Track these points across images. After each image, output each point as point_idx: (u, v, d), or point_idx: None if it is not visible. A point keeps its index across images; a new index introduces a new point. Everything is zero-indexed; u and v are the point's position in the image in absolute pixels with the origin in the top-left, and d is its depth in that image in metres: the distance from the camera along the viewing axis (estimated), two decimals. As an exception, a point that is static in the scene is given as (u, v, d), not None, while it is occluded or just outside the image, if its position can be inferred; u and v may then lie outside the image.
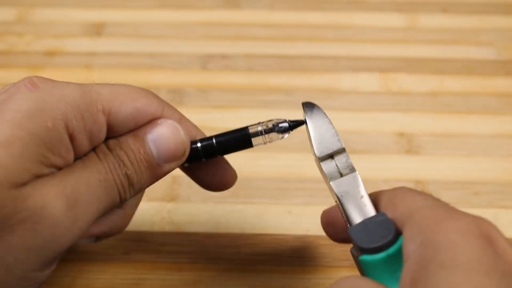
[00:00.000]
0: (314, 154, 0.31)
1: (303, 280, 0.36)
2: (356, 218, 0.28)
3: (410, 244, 0.25)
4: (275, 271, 0.36)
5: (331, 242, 0.37)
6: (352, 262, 0.31)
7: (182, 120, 0.32)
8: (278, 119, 0.32)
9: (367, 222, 0.28)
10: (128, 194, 0.30)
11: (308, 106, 0.32)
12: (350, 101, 0.49)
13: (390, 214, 0.27)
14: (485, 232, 0.24)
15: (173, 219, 0.39)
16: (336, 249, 0.37)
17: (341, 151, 0.31)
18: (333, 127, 0.31)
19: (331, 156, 0.31)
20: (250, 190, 0.41)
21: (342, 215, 0.30)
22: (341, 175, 0.30)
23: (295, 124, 0.32)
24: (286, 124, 0.32)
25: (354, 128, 0.46)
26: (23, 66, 0.52)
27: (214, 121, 0.46)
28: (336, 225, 0.32)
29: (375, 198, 0.29)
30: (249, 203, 0.40)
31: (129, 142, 0.30)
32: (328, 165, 0.30)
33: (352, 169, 0.30)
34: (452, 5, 0.60)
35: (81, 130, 0.28)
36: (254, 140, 0.32)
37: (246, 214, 0.40)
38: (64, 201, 0.27)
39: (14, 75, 0.51)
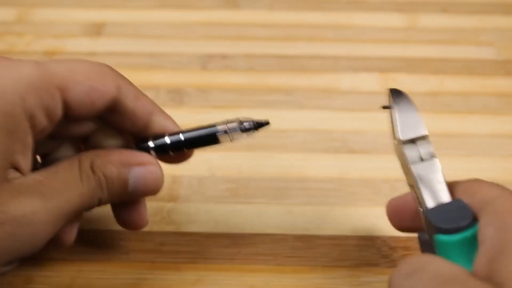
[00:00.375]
0: (397, 138, 0.31)
1: (303, 280, 0.36)
2: (431, 203, 0.29)
3: (487, 228, 0.26)
4: (275, 271, 0.36)
5: (331, 242, 0.37)
6: (352, 261, 0.31)
7: (138, 96, 0.33)
8: (244, 118, 0.33)
9: (444, 206, 0.28)
10: (92, 209, 0.31)
11: (395, 92, 0.33)
12: (350, 101, 0.49)
13: (466, 201, 0.28)
14: None
15: (172, 219, 0.39)
16: (336, 249, 0.37)
17: (425, 137, 0.31)
18: (419, 115, 0.32)
19: (413, 141, 0.31)
20: (250, 190, 0.41)
21: (416, 199, 0.30)
22: (422, 160, 0.30)
23: (259, 125, 0.33)
24: (251, 124, 0.33)
25: (354, 128, 0.46)
26: (23, 66, 0.52)
27: (214, 121, 0.46)
28: (403, 213, 0.33)
29: (451, 187, 0.30)
30: (249, 203, 0.40)
31: (113, 171, 0.31)
32: (410, 149, 0.31)
33: (433, 155, 0.30)
34: (452, 5, 0.60)
35: (38, 108, 0.28)
36: (221, 138, 0.33)
37: (246, 214, 0.40)
38: (47, 216, 0.28)
39: (14, 75, 0.51)
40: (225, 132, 0.33)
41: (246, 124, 0.33)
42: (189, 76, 0.51)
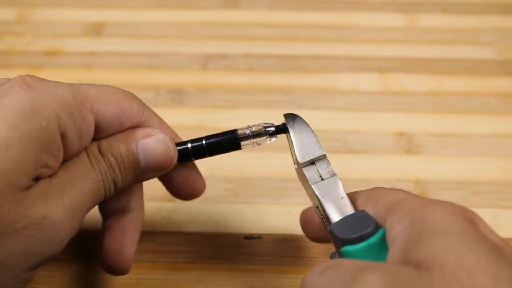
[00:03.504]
0: (296, 161, 0.32)
1: (303, 280, 0.36)
2: (336, 217, 0.29)
3: (397, 227, 0.26)
4: (275, 271, 0.36)
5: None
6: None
7: (161, 123, 0.33)
8: (266, 123, 0.33)
9: (347, 218, 0.29)
10: (110, 195, 0.31)
11: (290, 116, 0.33)
12: (350, 101, 0.49)
13: (370, 209, 0.28)
14: (469, 216, 0.25)
15: (173, 219, 0.39)
16: (336, 249, 0.37)
17: (322, 157, 0.32)
18: (315, 135, 0.32)
19: (312, 162, 0.32)
20: (250, 190, 0.41)
21: (320, 217, 0.31)
22: (322, 179, 0.31)
23: (282, 129, 0.33)
24: (273, 129, 0.33)
25: (354, 128, 0.46)
26: (23, 66, 0.52)
27: (214, 121, 0.46)
28: (313, 223, 0.33)
29: (354, 198, 0.30)
30: (249, 203, 0.40)
31: (120, 149, 0.31)
32: (310, 171, 0.31)
33: (333, 174, 0.31)
34: (452, 5, 0.60)
35: (71, 128, 0.29)
36: (242, 143, 0.33)
37: (246, 214, 0.40)
38: (63, 212, 0.28)
39: (14, 75, 0.51)
40: (248, 137, 0.33)
41: (269, 129, 0.33)
42: (189, 76, 0.51)
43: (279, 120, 0.34)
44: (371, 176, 0.42)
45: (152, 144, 0.31)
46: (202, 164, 0.42)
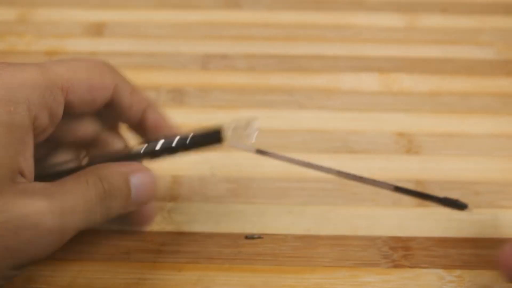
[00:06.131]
0: None
1: (303, 280, 0.36)
2: None
3: None
4: (275, 271, 0.36)
5: (331, 242, 0.38)
6: (352, 261, 0.31)
7: (134, 91, 0.34)
8: (249, 118, 0.34)
9: None
10: (101, 222, 0.31)
11: None
12: (350, 101, 0.49)
13: None
14: None
15: (173, 219, 0.39)
16: (336, 249, 0.37)
17: None
18: None
19: None
20: (250, 190, 0.41)
21: None
22: None
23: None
24: (258, 123, 0.34)
25: (354, 128, 0.46)
26: (23, 66, 0.52)
27: (214, 121, 0.46)
28: None
29: None
30: (249, 203, 0.40)
31: (118, 179, 0.31)
32: None
33: None
34: (452, 5, 0.60)
35: (42, 108, 0.29)
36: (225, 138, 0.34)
37: (246, 214, 0.40)
38: (51, 219, 0.28)
39: (15, 75, 0.51)
40: (230, 132, 0.34)
41: (253, 123, 0.34)
42: (189, 76, 0.51)
43: (279, 120, 0.34)
44: (371, 176, 0.42)
45: (143, 179, 0.32)
46: (203, 164, 0.43)
